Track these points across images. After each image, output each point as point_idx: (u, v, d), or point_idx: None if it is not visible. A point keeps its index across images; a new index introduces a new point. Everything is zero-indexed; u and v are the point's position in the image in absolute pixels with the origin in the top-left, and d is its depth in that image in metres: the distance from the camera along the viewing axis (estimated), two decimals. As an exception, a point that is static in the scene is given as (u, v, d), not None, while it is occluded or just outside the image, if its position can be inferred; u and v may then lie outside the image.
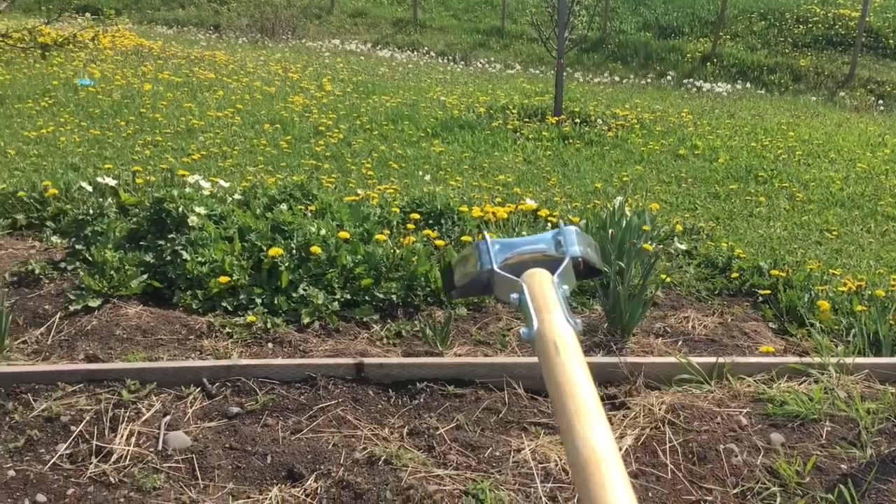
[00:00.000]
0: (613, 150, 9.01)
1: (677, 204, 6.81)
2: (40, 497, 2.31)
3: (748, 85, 16.66)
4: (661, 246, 5.09)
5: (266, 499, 2.35)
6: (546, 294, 1.08)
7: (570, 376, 0.93)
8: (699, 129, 10.63)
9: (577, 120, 10.42)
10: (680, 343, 3.86)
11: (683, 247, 5.13)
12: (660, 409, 2.94)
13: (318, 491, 2.44)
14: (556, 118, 10.35)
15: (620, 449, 2.71)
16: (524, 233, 4.49)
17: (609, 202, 5.79)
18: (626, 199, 5.97)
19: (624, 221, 4.66)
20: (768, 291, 4.42)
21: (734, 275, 4.66)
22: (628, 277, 3.96)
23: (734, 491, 2.51)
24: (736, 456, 2.66)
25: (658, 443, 2.73)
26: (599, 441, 0.85)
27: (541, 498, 2.48)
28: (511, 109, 10.93)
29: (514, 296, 1.10)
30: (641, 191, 7.19)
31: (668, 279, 4.59)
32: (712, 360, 3.29)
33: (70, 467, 2.46)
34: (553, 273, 1.14)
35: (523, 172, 7.70)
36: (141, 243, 4.02)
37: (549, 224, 5.07)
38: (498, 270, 1.19)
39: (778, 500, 2.45)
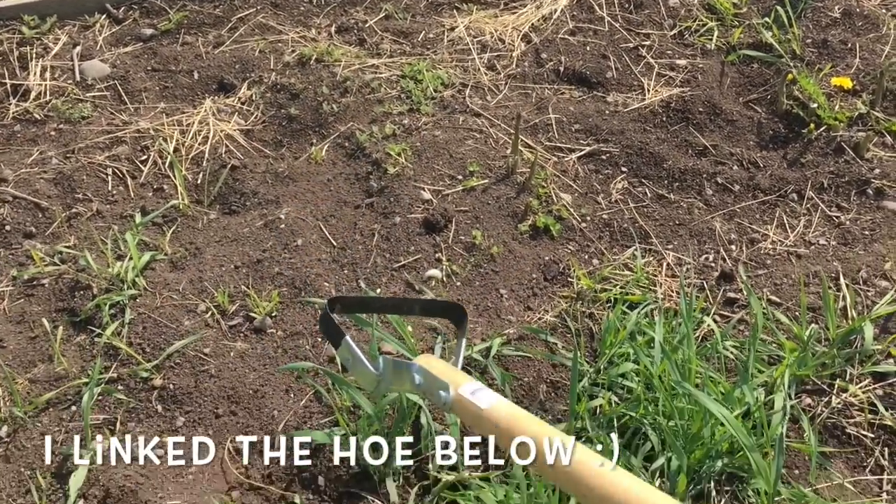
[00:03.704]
0: None
1: None
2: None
3: None
4: None
5: (201, 111, 2.29)
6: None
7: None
8: None
9: None
10: None
11: None
12: (594, -34, 2.79)
13: (254, 97, 2.37)
14: None
15: (555, 11, 2.62)
16: None
17: None
18: None
19: None
20: None
21: None
22: None
23: (672, 33, 2.47)
24: (673, -1, 2.58)
25: (593, -1, 2.64)
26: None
27: (479, 69, 2.44)
28: None
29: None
30: None
31: None
32: None
33: (-12, 116, 2.35)
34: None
35: None
36: None
37: None
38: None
39: (716, 33, 2.42)
